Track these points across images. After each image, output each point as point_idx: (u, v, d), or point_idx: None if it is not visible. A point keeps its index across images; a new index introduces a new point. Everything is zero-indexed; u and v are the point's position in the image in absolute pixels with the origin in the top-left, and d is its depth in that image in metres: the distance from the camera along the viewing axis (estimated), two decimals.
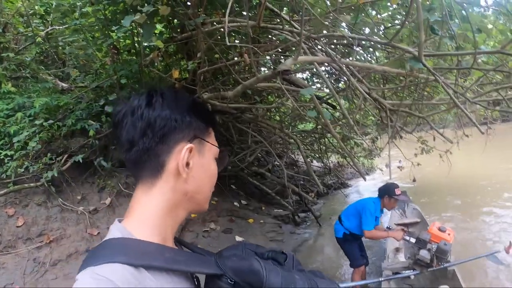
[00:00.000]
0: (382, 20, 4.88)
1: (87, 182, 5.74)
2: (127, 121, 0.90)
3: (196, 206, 0.99)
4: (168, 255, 0.85)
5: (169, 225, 0.93)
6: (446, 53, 2.93)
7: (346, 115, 3.74)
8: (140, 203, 0.91)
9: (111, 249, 0.80)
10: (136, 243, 0.83)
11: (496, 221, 7.81)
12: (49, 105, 5.49)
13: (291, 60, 2.74)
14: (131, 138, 0.89)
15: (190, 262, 0.89)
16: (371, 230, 4.73)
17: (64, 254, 4.66)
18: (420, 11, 2.02)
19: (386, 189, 4.83)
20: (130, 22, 2.98)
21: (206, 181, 0.99)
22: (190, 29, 4.42)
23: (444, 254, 3.87)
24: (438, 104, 5.29)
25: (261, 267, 0.90)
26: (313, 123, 9.41)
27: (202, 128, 0.97)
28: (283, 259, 1.00)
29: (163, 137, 0.89)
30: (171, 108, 0.90)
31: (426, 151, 8.01)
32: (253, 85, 3.67)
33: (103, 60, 6.01)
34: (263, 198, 9.22)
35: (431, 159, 7.89)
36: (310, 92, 2.79)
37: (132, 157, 0.91)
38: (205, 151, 0.98)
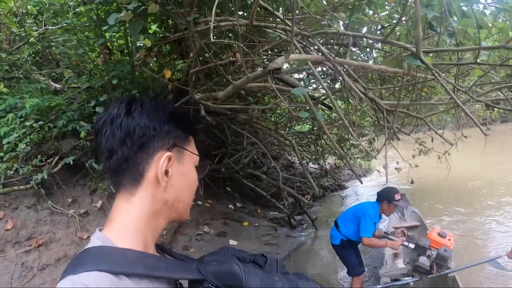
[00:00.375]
0: (379, 19, 4.80)
1: (78, 184, 5.64)
2: (107, 129, 0.90)
3: (176, 215, 1.00)
4: (149, 261, 0.86)
5: (150, 233, 0.94)
6: (446, 49, 2.82)
7: (341, 116, 3.65)
8: (120, 212, 0.91)
9: (91, 257, 0.80)
10: (117, 251, 0.84)
11: (497, 225, 7.70)
12: (41, 106, 5.40)
13: (282, 59, 2.65)
14: (110, 147, 0.90)
15: (172, 268, 0.90)
16: (370, 238, 4.63)
17: (52, 259, 4.56)
18: (417, 5, 1.93)
19: (386, 194, 4.70)
20: (115, 20, 2.90)
21: (186, 190, 1.00)
22: (182, 28, 4.33)
23: (445, 260, 3.80)
24: (436, 105, 5.20)
25: (240, 270, 0.91)
26: (310, 125, 9.35)
27: (182, 137, 0.98)
28: (263, 262, 1.01)
29: (142, 146, 0.90)
30: (150, 116, 0.91)
31: (424, 153, 7.94)
32: (243, 85, 3.58)
33: (96, 60, 5.92)
34: (258, 201, 9.13)
35: (429, 160, 7.82)
36: (302, 92, 2.70)
37: (112, 165, 0.91)
38: (185, 159, 0.99)
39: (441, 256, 3.80)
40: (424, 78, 3.46)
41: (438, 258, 3.82)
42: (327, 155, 10.81)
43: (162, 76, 4.87)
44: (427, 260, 3.86)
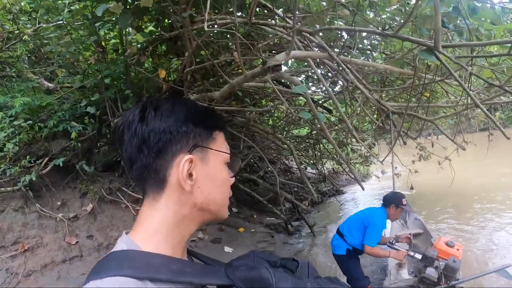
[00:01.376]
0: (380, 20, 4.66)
1: (68, 187, 5.51)
2: (125, 137, 0.88)
3: (211, 216, 0.96)
4: (175, 267, 0.83)
5: (178, 238, 0.91)
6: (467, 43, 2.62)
7: (344, 118, 3.48)
8: (146, 217, 0.89)
9: (116, 262, 0.78)
10: (142, 256, 0.82)
11: (502, 232, 7.48)
12: (31, 105, 5.30)
13: (283, 55, 2.48)
14: (130, 156, 0.89)
15: (198, 273, 0.86)
16: (373, 247, 4.47)
17: (39, 265, 4.39)
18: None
19: (393, 198, 4.57)
20: (103, 10, 2.74)
21: (217, 190, 0.95)
22: (178, 26, 4.18)
23: (454, 272, 3.64)
24: (445, 107, 5.04)
25: (270, 275, 0.88)
26: (308, 129, 9.21)
27: (204, 135, 0.93)
28: (295, 267, 0.98)
29: (159, 152, 0.87)
30: (165, 120, 0.87)
31: (424, 158, 7.83)
32: (241, 84, 3.42)
33: (89, 59, 5.78)
34: (254, 206, 8.97)
35: (429, 166, 7.68)
36: (303, 89, 2.55)
37: (134, 174, 0.90)
38: (210, 158, 0.94)
39: (449, 267, 3.64)
40: (433, 78, 3.29)
41: (447, 269, 3.66)
42: (325, 160, 10.70)
43: (156, 76, 4.73)
44: (435, 272, 3.71)
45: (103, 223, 5.25)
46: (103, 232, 5.11)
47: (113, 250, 0.83)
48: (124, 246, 0.83)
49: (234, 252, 6.02)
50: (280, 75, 2.68)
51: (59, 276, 4.37)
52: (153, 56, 5.65)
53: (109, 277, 0.74)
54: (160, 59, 5.98)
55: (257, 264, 0.96)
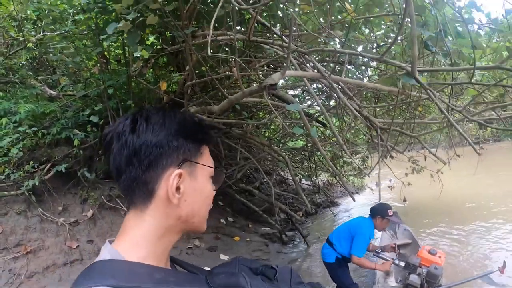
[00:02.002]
0: (375, 38, 4.86)
1: (70, 193, 5.59)
2: (114, 147, 0.89)
3: (193, 228, 0.99)
4: (159, 276, 0.84)
5: (162, 248, 0.93)
6: (441, 69, 2.85)
7: (335, 132, 3.67)
8: (132, 227, 0.90)
9: (100, 272, 0.80)
10: (126, 265, 0.83)
11: (489, 242, 7.72)
12: (35, 112, 5.38)
13: (278, 74, 2.66)
14: (118, 166, 0.89)
15: (181, 282, 0.88)
16: (360, 257, 4.61)
17: (41, 267, 4.49)
18: (413, 24, 1.95)
19: (379, 209, 4.72)
20: (113, 30, 2.91)
21: (201, 204, 0.98)
22: (180, 40, 4.36)
23: (435, 278, 3.80)
24: (430, 123, 5.25)
25: (246, 283, 0.89)
26: (303, 141, 9.37)
27: (193, 149, 0.95)
28: (273, 274, 1.00)
29: (150, 165, 0.88)
30: (156, 133, 0.89)
31: (417, 171, 7.98)
32: (239, 100, 3.59)
33: (92, 69, 5.93)
34: (250, 216, 9.08)
35: (421, 179, 7.84)
36: (297, 108, 2.72)
37: (122, 184, 0.91)
38: (198, 172, 0.96)
39: (431, 273, 3.80)
40: (419, 97, 3.49)
41: (429, 275, 3.82)
42: (320, 172, 10.82)
43: (157, 87, 4.87)
44: (418, 278, 3.87)
45: (103, 228, 5.36)
46: (103, 238, 5.21)
47: (96, 260, 0.85)
48: (108, 255, 0.85)
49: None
50: (275, 93, 2.87)
51: (61, 278, 4.47)
52: (154, 68, 5.78)
53: (92, 287, 0.75)
54: (160, 71, 6.15)
55: (238, 271, 0.98)
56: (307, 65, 3.91)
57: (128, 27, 2.85)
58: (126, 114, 0.94)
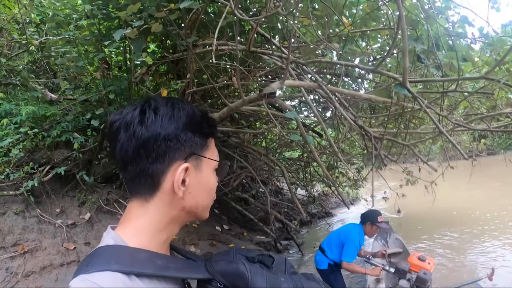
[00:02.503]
0: (372, 51, 4.96)
1: (68, 195, 5.64)
2: (121, 137, 0.89)
3: (195, 218, 1.01)
4: (160, 262, 0.87)
5: (164, 237, 0.95)
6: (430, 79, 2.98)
7: (330, 140, 3.76)
8: (136, 215, 0.92)
9: (104, 257, 0.81)
10: (129, 251, 0.85)
11: (479, 250, 7.88)
12: (36, 114, 5.44)
13: (277, 84, 2.75)
14: (124, 156, 0.89)
15: (180, 268, 0.91)
16: (350, 263, 4.70)
17: (38, 266, 4.53)
18: (405, 38, 2.06)
19: (369, 215, 4.84)
20: (120, 36, 2.99)
21: (205, 196, 0.99)
22: (181, 49, 4.44)
23: (424, 283, 3.87)
24: (423, 133, 5.35)
25: (246, 269, 0.92)
26: (299, 151, 9.44)
27: (200, 143, 0.95)
28: (270, 262, 1.02)
29: (157, 158, 0.89)
30: (164, 126, 0.89)
31: (411, 182, 8.06)
32: (239, 108, 3.68)
33: (94, 74, 5.98)
34: (245, 224, 9.13)
35: (416, 190, 7.94)
36: (294, 115, 2.81)
37: (127, 175, 0.92)
38: (203, 165, 0.97)
39: (420, 279, 3.87)
40: (412, 107, 3.60)
41: (418, 281, 3.89)
42: (315, 183, 10.89)
43: (158, 94, 4.93)
44: (407, 283, 3.95)
45: (100, 232, 5.36)
46: (100, 241, 5.25)
47: (100, 245, 0.87)
48: (111, 241, 0.86)
49: None
50: (274, 101, 2.95)
51: (57, 278, 4.50)
52: (154, 75, 5.84)
53: (96, 271, 0.77)
54: (161, 78, 6.22)
55: (236, 258, 0.99)
56: (305, 76, 4.00)
57: (135, 33, 2.94)
58: (134, 103, 0.93)
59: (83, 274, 0.78)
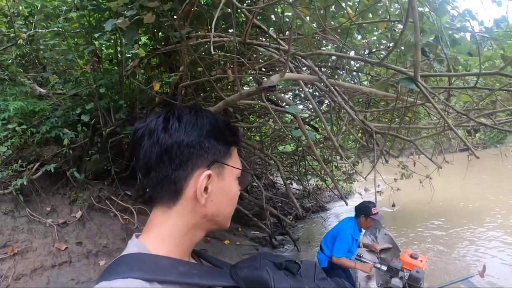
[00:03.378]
0: (367, 44, 4.86)
1: (58, 193, 5.51)
2: (145, 144, 0.90)
3: (217, 226, 1.00)
4: (183, 269, 0.87)
5: (187, 244, 0.95)
6: (444, 74, 2.83)
7: (331, 136, 3.66)
8: (158, 222, 0.93)
9: (126, 265, 0.82)
10: (151, 258, 0.85)
11: (471, 246, 7.89)
12: (25, 110, 5.29)
13: (277, 77, 2.64)
14: (148, 163, 0.90)
15: (204, 275, 0.91)
16: (339, 257, 4.67)
17: (28, 269, 4.39)
18: (417, 29, 1.95)
19: (363, 208, 4.82)
20: (112, 26, 2.87)
21: (226, 204, 0.99)
22: (174, 41, 4.32)
23: (417, 282, 3.83)
24: (425, 128, 5.27)
25: (269, 277, 0.90)
26: (293, 145, 9.36)
27: (223, 151, 0.96)
28: (296, 269, 0.99)
29: (180, 165, 0.89)
30: (188, 133, 0.90)
31: (406, 177, 8.02)
32: (235, 102, 3.58)
33: (84, 67, 5.85)
34: (240, 219, 9.04)
35: (410, 184, 7.90)
36: (296, 110, 2.71)
37: (150, 181, 0.92)
38: (225, 174, 0.97)
39: (413, 277, 3.83)
40: (414, 102, 3.50)
41: (411, 279, 3.85)
42: (309, 177, 10.84)
43: (150, 88, 4.82)
44: (400, 282, 3.89)
45: (91, 230, 5.27)
46: (92, 240, 5.14)
47: (123, 253, 0.87)
48: (135, 249, 0.87)
49: None
50: (274, 95, 2.85)
51: (49, 281, 4.37)
52: (146, 68, 5.72)
53: (118, 279, 0.77)
54: (153, 72, 6.09)
55: (262, 265, 0.98)
56: (303, 69, 3.90)
57: (127, 24, 2.81)
58: (158, 112, 0.98)
59: (105, 281, 0.78)
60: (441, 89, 3.37)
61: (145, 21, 2.87)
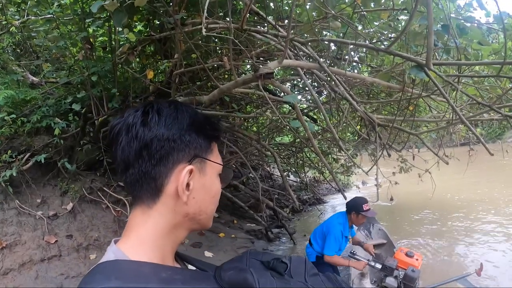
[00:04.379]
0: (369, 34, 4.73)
1: (49, 184, 5.39)
2: (122, 139, 0.86)
3: (199, 226, 0.96)
4: (165, 275, 0.81)
5: (168, 245, 0.90)
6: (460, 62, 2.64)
7: (331, 128, 3.52)
8: (138, 224, 0.88)
9: (103, 274, 0.76)
10: (130, 265, 0.80)
11: (468, 244, 7.81)
12: (15, 99, 5.17)
13: (275, 63, 2.50)
14: (126, 159, 0.86)
15: (188, 280, 0.84)
16: (331, 256, 4.59)
17: (16, 263, 4.27)
18: (430, 13, 1.80)
19: (354, 204, 4.69)
20: (98, 8, 2.72)
21: (208, 201, 0.95)
22: (169, 27, 4.17)
23: (412, 281, 3.73)
24: (430, 122, 5.13)
25: (254, 280, 0.83)
26: (291, 137, 9.24)
27: (204, 146, 0.92)
28: (283, 269, 0.95)
29: (161, 159, 0.85)
30: (168, 127, 0.86)
31: (404, 170, 7.94)
32: (231, 90, 3.43)
33: (76, 55, 5.71)
34: (235, 211, 8.95)
35: (409, 178, 7.82)
36: (295, 99, 2.58)
37: (128, 179, 0.88)
38: (207, 169, 0.94)
39: (408, 276, 3.73)
40: (420, 93, 3.36)
41: (406, 278, 3.75)
42: (307, 169, 10.74)
43: (144, 76, 4.70)
44: (394, 281, 3.79)
45: (83, 222, 5.15)
46: (83, 232, 5.02)
47: (101, 261, 0.82)
48: (112, 255, 0.82)
49: (214, 257, 5.98)
50: (271, 82, 2.71)
51: (37, 275, 4.26)
52: (140, 57, 5.60)
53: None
54: (147, 60, 5.95)
55: (248, 265, 0.95)
56: (301, 57, 3.76)
57: (115, 6, 2.66)
58: (136, 106, 0.91)
59: None
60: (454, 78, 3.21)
61: (136, 4, 2.71)
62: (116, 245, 0.85)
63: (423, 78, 2.16)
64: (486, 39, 2.90)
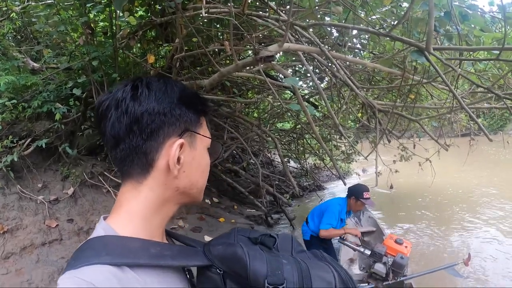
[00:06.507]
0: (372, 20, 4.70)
1: (50, 169, 5.40)
2: (111, 115, 0.85)
3: (189, 199, 0.97)
4: (154, 250, 0.83)
5: (158, 221, 0.91)
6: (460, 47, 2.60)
7: (332, 113, 3.51)
8: (128, 199, 0.88)
9: (92, 250, 0.77)
10: (120, 241, 0.81)
11: (458, 233, 7.94)
12: (16, 84, 5.15)
13: (275, 46, 2.50)
14: (116, 135, 0.85)
15: (177, 255, 0.87)
16: (327, 229, 4.71)
17: (18, 247, 4.29)
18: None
19: (355, 190, 4.84)
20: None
21: (199, 175, 0.96)
22: (170, 11, 4.15)
23: (401, 268, 3.74)
24: (431, 108, 5.12)
25: (244, 253, 0.88)
26: (292, 123, 9.24)
27: (193, 119, 0.93)
28: (272, 243, 0.99)
29: (151, 134, 0.85)
30: (158, 100, 0.86)
31: (405, 159, 7.95)
32: (231, 73, 3.42)
33: (77, 40, 5.68)
34: (235, 197, 9.00)
35: (409, 166, 7.84)
36: (295, 82, 2.57)
37: (118, 155, 0.88)
38: (197, 143, 0.94)
39: (397, 263, 3.74)
40: (421, 79, 3.35)
41: (394, 265, 3.76)
42: (307, 156, 10.76)
43: (145, 61, 4.68)
44: (383, 267, 3.80)
45: (84, 207, 5.17)
46: (84, 216, 5.05)
47: (90, 237, 0.83)
48: (102, 232, 0.83)
49: None
50: (272, 66, 2.70)
51: (38, 259, 4.28)
52: (141, 42, 5.58)
53: (85, 266, 0.73)
54: (148, 45, 5.93)
55: (236, 241, 0.97)
56: (303, 42, 3.74)
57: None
58: (124, 81, 0.90)
59: (71, 270, 0.73)
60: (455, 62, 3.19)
61: None
62: (105, 221, 0.86)
63: (423, 62, 2.16)
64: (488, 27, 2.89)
